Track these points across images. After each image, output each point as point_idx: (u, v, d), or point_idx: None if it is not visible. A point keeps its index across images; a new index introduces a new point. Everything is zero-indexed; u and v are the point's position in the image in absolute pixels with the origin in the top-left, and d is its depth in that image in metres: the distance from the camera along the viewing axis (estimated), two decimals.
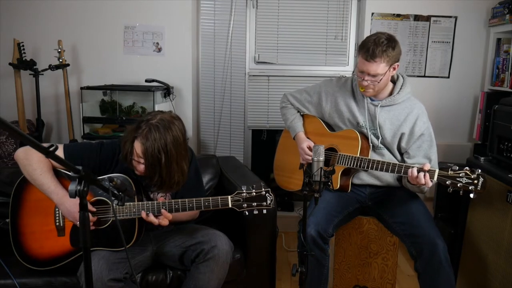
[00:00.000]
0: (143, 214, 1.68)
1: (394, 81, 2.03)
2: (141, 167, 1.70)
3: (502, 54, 2.86)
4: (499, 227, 1.99)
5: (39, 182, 1.70)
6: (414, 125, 1.95)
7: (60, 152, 1.74)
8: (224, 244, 1.80)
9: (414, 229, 1.87)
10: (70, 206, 1.67)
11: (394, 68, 1.91)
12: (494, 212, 2.03)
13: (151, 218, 1.69)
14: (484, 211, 2.12)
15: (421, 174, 1.74)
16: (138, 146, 1.65)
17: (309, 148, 2.09)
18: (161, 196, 1.87)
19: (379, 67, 1.84)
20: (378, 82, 1.88)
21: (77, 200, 1.16)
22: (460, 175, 1.69)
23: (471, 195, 1.67)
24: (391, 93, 2.00)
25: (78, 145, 1.94)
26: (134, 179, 1.78)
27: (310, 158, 1.99)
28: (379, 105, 1.97)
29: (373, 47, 1.83)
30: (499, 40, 2.93)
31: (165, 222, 1.70)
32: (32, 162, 1.70)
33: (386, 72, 1.87)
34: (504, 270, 1.95)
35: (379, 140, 2.00)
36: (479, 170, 1.68)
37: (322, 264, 1.94)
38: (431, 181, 1.75)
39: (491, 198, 2.05)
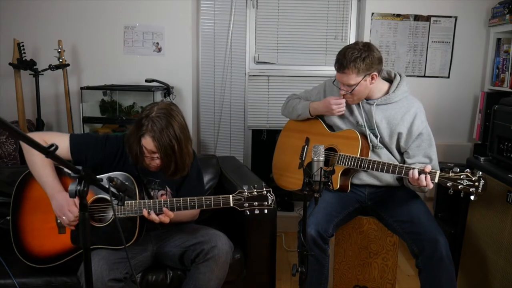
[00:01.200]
0: (145, 212, 1.68)
1: (391, 80, 2.04)
2: (156, 162, 1.72)
3: (502, 54, 2.86)
4: (499, 227, 2.00)
5: (39, 173, 1.71)
6: (412, 124, 1.95)
7: (66, 142, 1.75)
8: (224, 244, 1.80)
9: (415, 227, 1.88)
10: (61, 200, 1.67)
11: (373, 78, 1.90)
12: (494, 212, 2.03)
13: (153, 216, 1.69)
14: (484, 211, 2.12)
15: (422, 176, 1.75)
16: (148, 143, 1.66)
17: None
18: (163, 195, 1.87)
19: (350, 77, 1.87)
20: (351, 92, 1.90)
21: (67, 195, 1.15)
22: (461, 177, 1.69)
23: (472, 197, 1.68)
24: (387, 92, 2.00)
25: (83, 136, 1.94)
26: (136, 175, 1.79)
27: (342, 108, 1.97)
28: (375, 103, 1.98)
29: (342, 58, 1.86)
30: (499, 40, 2.93)
31: (166, 219, 1.70)
32: (36, 153, 1.68)
33: (360, 81, 1.87)
34: (504, 270, 1.95)
35: (378, 138, 2.00)
36: (480, 173, 1.68)
37: (322, 264, 1.94)
38: (432, 182, 1.75)
39: (491, 198, 2.05)
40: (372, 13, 3.07)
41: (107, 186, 1.30)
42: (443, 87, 3.17)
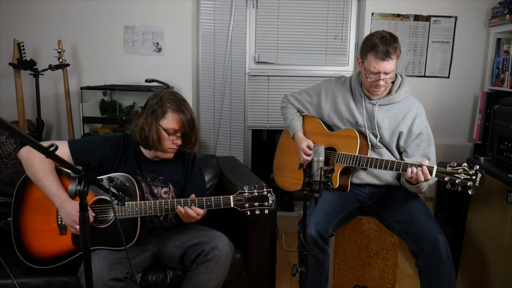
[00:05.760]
0: (181, 210, 1.70)
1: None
2: (178, 143, 1.80)
3: (502, 54, 2.86)
4: (499, 227, 2.00)
5: (41, 184, 1.71)
6: (412, 124, 1.96)
7: (65, 149, 1.74)
8: (225, 245, 1.80)
9: (415, 227, 1.88)
10: (70, 209, 1.68)
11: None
12: (494, 212, 2.03)
13: (188, 210, 1.70)
14: (484, 211, 2.12)
15: (418, 168, 1.75)
16: (171, 121, 1.74)
17: (309, 147, 2.10)
18: (166, 192, 1.88)
19: (393, 63, 1.89)
20: (390, 78, 1.92)
21: (77, 205, 1.16)
22: (459, 171, 1.69)
23: (470, 191, 1.68)
24: (389, 92, 2.01)
25: (82, 140, 1.95)
26: (137, 174, 1.79)
27: (309, 158, 1.99)
28: (377, 103, 1.98)
29: (386, 46, 1.85)
30: (499, 40, 2.93)
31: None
32: (35, 164, 1.70)
33: (396, 64, 1.91)
34: (504, 270, 1.96)
35: (378, 139, 2.00)
36: (477, 166, 1.68)
37: (322, 264, 1.94)
38: (429, 179, 1.75)
39: (491, 198, 2.05)
40: (372, 13, 3.07)
41: (107, 186, 1.30)
42: (443, 87, 3.17)
